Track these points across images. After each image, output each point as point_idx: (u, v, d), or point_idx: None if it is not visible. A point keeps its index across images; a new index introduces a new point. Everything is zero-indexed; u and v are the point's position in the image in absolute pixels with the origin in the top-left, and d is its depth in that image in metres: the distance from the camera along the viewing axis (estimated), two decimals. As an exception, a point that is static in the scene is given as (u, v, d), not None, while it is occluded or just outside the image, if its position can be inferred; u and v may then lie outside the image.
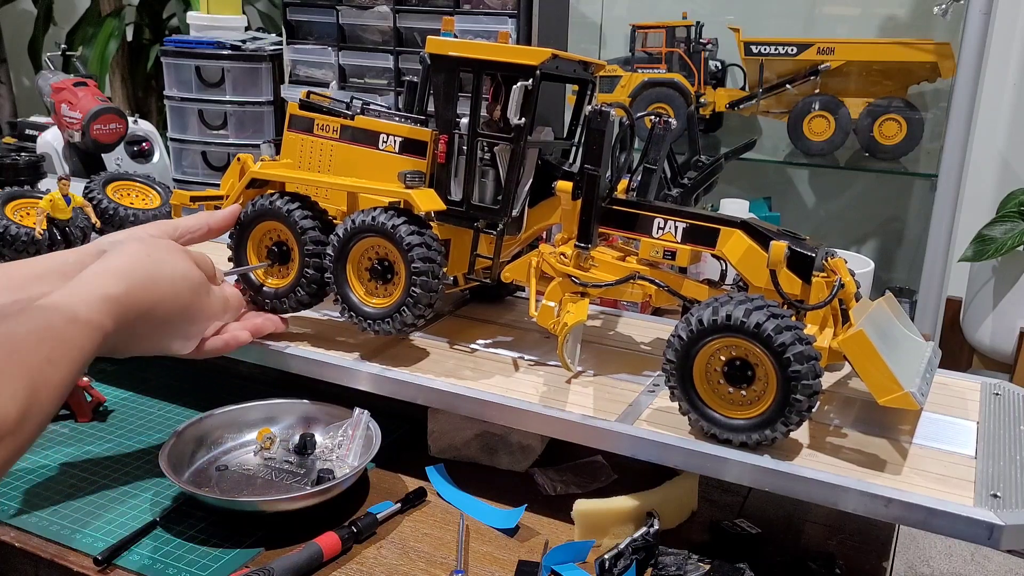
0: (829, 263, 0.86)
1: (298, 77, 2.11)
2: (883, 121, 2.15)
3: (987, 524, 0.70)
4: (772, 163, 2.46)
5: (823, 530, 0.89)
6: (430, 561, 0.81)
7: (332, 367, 0.97)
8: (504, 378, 0.95)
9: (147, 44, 3.28)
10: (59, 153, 1.81)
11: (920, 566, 1.99)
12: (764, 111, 2.34)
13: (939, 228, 1.99)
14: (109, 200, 1.33)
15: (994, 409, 0.93)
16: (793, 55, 2.21)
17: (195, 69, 2.10)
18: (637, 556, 0.79)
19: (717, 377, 0.80)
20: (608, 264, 0.95)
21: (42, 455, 0.96)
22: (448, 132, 0.96)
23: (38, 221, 1.17)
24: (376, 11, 1.98)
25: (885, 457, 0.81)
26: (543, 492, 0.93)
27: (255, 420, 0.98)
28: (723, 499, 0.93)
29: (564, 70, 0.97)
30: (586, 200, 0.93)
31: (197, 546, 0.82)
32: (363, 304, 0.96)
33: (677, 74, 2.31)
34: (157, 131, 2.07)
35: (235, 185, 1.04)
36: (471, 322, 1.12)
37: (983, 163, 2.38)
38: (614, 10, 2.55)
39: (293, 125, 1.06)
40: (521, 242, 1.04)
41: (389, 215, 0.92)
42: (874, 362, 0.76)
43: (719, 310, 0.77)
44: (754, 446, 0.79)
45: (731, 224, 0.88)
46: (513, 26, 1.84)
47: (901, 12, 2.35)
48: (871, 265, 1.33)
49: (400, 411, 0.97)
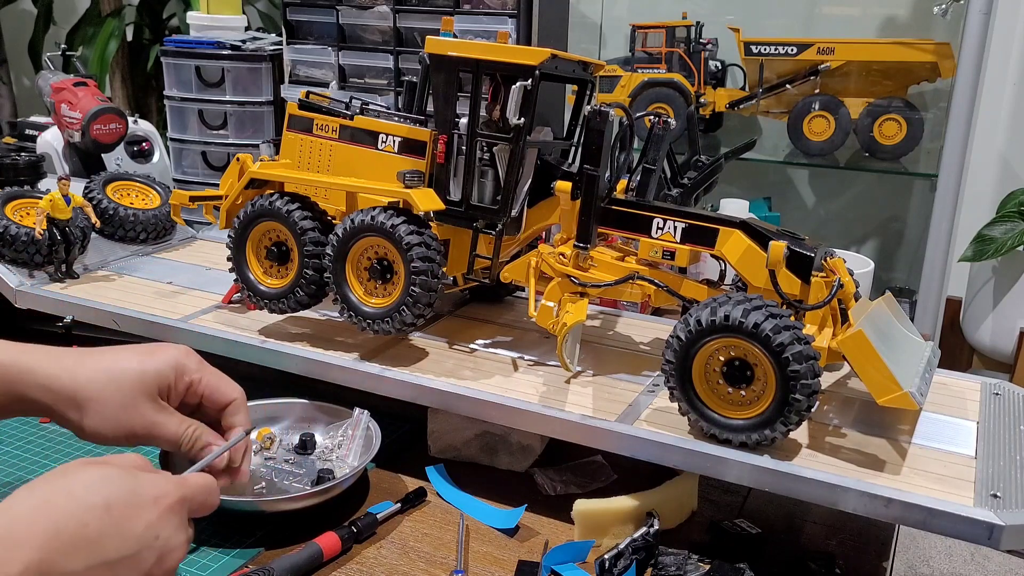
0: (828, 263, 0.86)
1: (298, 77, 2.11)
2: (883, 121, 2.15)
3: (987, 524, 0.70)
4: (772, 163, 2.46)
5: (823, 530, 0.89)
6: (430, 561, 0.81)
7: (332, 367, 0.97)
8: (504, 378, 0.95)
9: (147, 44, 3.28)
10: (59, 153, 1.81)
11: (920, 566, 1.99)
12: (764, 111, 2.34)
13: (939, 228, 1.99)
14: (109, 200, 1.33)
15: (994, 409, 0.93)
16: (793, 55, 2.21)
17: (195, 69, 2.10)
18: (637, 556, 0.79)
19: (716, 377, 0.80)
20: (607, 264, 0.95)
21: (42, 455, 0.96)
22: (447, 132, 0.96)
23: (38, 221, 1.17)
24: (376, 11, 1.98)
25: (885, 457, 0.81)
26: (543, 492, 0.93)
27: (255, 420, 0.97)
28: (723, 499, 0.93)
29: (563, 70, 0.97)
30: (585, 200, 0.93)
31: (197, 546, 0.82)
32: (362, 304, 0.96)
33: (677, 74, 2.31)
34: (157, 131, 2.07)
35: (234, 185, 1.04)
36: (470, 322, 1.12)
37: (983, 163, 2.38)
38: (614, 10, 2.55)
39: (292, 125, 1.06)
40: (520, 242, 1.04)
41: (388, 215, 0.92)
42: (873, 362, 0.76)
43: (718, 310, 0.77)
44: (754, 446, 0.79)
45: (730, 224, 0.88)
46: (513, 26, 1.83)
47: (901, 12, 2.34)
48: (871, 265, 1.33)
49: (400, 411, 0.97)
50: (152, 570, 0.56)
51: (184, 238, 1.44)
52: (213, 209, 1.08)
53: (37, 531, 0.51)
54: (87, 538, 0.52)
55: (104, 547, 0.53)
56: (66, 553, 0.51)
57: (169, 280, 1.24)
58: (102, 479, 0.56)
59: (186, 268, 1.30)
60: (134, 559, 0.54)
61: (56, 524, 0.52)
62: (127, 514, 0.55)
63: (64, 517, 0.52)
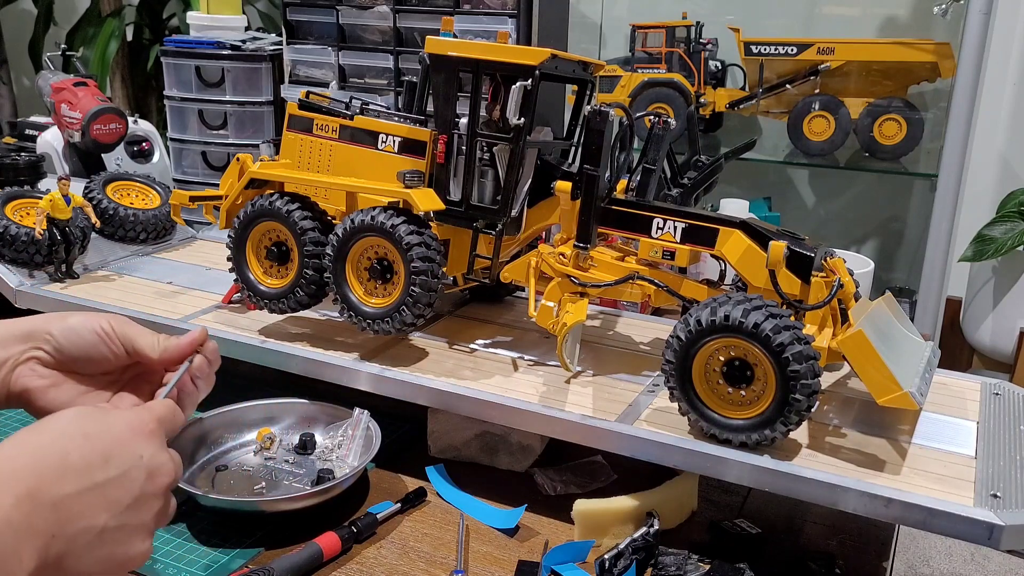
0: (828, 263, 0.86)
1: (298, 77, 2.11)
2: (883, 121, 2.15)
3: (987, 524, 0.70)
4: (772, 163, 2.46)
5: (823, 530, 0.89)
6: (430, 561, 0.81)
7: (332, 367, 0.97)
8: (504, 378, 0.95)
9: (147, 44, 3.28)
10: (59, 153, 1.81)
11: (920, 566, 1.99)
12: (764, 111, 2.34)
13: (939, 228, 1.99)
14: (109, 200, 1.33)
15: (994, 409, 0.93)
16: (793, 55, 2.21)
17: (195, 69, 2.09)
18: (637, 556, 0.79)
19: (716, 377, 0.80)
20: (607, 264, 0.95)
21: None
22: (447, 132, 0.96)
23: (38, 221, 1.17)
24: (376, 11, 1.98)
25: (885, 457, 0.81)
26: (543, 492, 0.93)
27: (255, 420, 0.98)
28: (723, 499, 0.93)
29: (563, 70, 0.97)
30: (585, 200, 0.93)
31: (197, 546, 0.82)
32: (362, 304, 0.96)
33: (677, 74, 2.31)
34: (157, 131, 2.07)
35: (234, 185, 1.04)
36: (470, 322, 1.12)
37: (983, 163, 2.38)
38: (614, 10, 2.54)
39: (292, 125, 1.06)
40: (520, 242, 1.04)
41: (388, 215, 0.92)
42: (873, 362, 0.76)
43: (718, 310, 0.77)
44: (754, 446, 0.79)
45: (730, 224, 0.88)
46: (513, 26, 1.83)
47: (901, 12, 2.34)
48: (871, 265, 1.33)
49: (400, 411, 0.97)
50: (145, 488, 0.57)
51: (184, 238, 1.44)
52: (213, 209, 1.08)
53: (20, 464, 0.52)
54: (71, 466, 0.53)
55: (90, 472, 0.54)
56: (54, 480, 0.52)
57: (169, 280, 1.24)
58: (76, 415, 0.58)
59: (186, 268, 1.30)
60: (123, 479, 0.56)
61: (37, 456, 0.53)
62: (106, 440, 0.56)
63: (45, 449, 0.53)
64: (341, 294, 0.97)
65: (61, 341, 0.69)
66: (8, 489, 0.50)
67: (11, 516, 0.49)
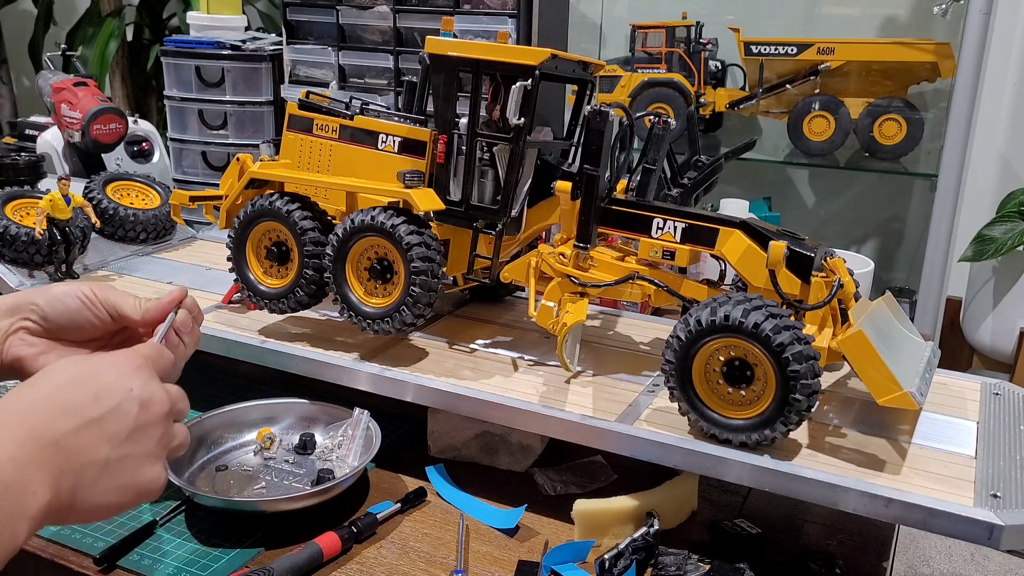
0: (828, 263, 0.86)
1: (298, 77, 2.11)
2: (883, 121, 2.15)
3: (987, 524, 0.70)
4: (772, 163, 2.46)
5: (823, 530, 0.89)
6: (430, 561, 0.81)
7: (332, 367, 0.97)
8: (504, 378, 0.95)
9: (147, 44, 3.28)
10: (59, 153, 1.81)
11: (920, 566, 1.99)
12: (764, 111, 2.34)
13: (939, 228, 1.99)
14: (109, 200, 1.33)
15: (994, 409, 0.93)
16: (793, 55, 2.21)
17: (195, 69, 2.09)
18: (637, 556, 0.79)
19: (716, 377, 0.80)
20: (607, 264, 0.95)
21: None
22: (447, 132, 0.96)
23: (38, 221, 1.17)
24: (376, 11, 1.98)
25: (885, 457, 0.81)
26: (543, 492, 0.93)
27: (255, 420, 0.98)
28: (723, 499, 0.93)
29: (563, 70, 0.97)
30: (585, 200, 0.93)
31: (197, 546, 0.82)
32: (362, 304, 0.96)
33: (677, 74, 2.31)
34: (157, 131, 2.07)
35: (234, 185, 1.04)
36: (470, 322, 1.12)
37: (983, 163, 2.38)
38: (614, 10, 2.54)
39: (292, 125, 1.06)
40: (520, 242, 1.04)
41: (388, 215, 0.92)
42: (873, 362, 0.76)
43: (718, 310, 0.77)
44: (754, 446, 0.79)
45: (730, 224, 0.88)
46: (513, 26, 1.83)
47: (901, 12, 2.34)
48: (871, 265, 1.33)
49: (400, 411, 0.97)
50: (140, 418, 0.60)
51: (184, 238, 1.44)
52: (213, 209, 1.08)
53: (16, 412, 0.56)
54: (65, 407, 0.57)
55: (83, 410, 0.58)
56: (49, 421, 0.56)
57: (169, 280, 1.24)
58: (64, 364, 0.61)
59: (186, 268, 1.30)
60: (116, 413, 0.59)
61: (31, 404, 0.57)
62: (93, 380, 0.60)
63: (37, 397, 0.58)
64: (341, 294, 0.97)
65: (47, 310, 0.71)
66: (9, 435, 0.54)
67: (15, 455, 0.53)
